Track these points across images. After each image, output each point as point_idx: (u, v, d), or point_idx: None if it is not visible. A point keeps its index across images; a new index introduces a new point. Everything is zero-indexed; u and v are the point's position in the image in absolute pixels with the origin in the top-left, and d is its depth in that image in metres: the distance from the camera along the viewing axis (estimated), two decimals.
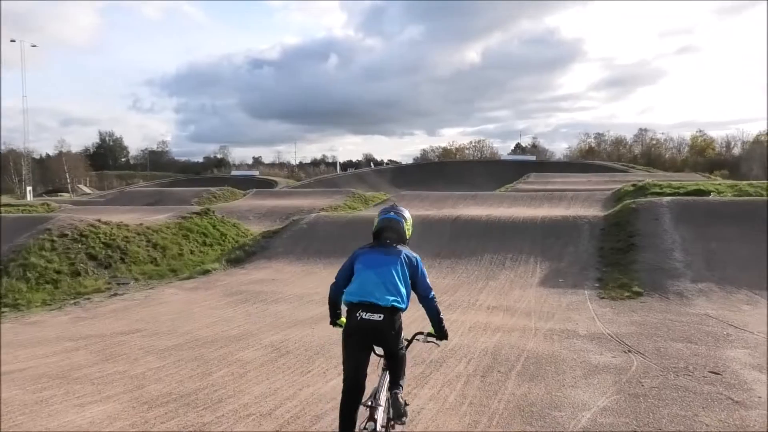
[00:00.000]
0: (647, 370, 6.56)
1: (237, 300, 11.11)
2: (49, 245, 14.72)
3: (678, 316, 9.34)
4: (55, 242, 14.91)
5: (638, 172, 49.85)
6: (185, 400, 5.66)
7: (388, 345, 4.02)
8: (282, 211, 29.58)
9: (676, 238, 13.38)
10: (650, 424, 5.04)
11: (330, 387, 6.00)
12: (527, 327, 8.65)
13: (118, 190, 63.75)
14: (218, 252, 17.81)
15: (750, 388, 5.94)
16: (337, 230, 17.74)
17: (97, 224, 16.45)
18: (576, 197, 25.11)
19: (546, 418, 5.18)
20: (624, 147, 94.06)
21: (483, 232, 16.08)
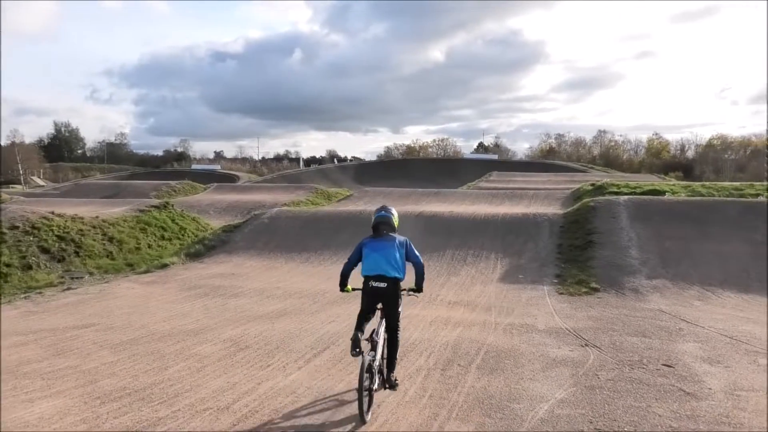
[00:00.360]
0: (603, 364, 6.68)
1: (195, 294, 10.91)
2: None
3: (633, 311, 9.55)
4: (5, 234, 14.39)
5: (597, 173, 50.90)
6: (140, 394, 5.52)
7: (389, 304, 5.55)
8: (243, 206, 29.22)
9: (632, 235, 13.68)
10: (606, 415, 5.13)
11: (290, 381, 5.94)
12: (487, 321, 8.72)
13: (74, 182, 61.96)
14: (177, 246, 17.47)
15: (701, 380, 6.10)
16: (298, 225, 17.61)
17: (51, 217, 15.94)
18: (536, 196, 25.47)
19: (504, 410, 5.22)
20: (583, 148, 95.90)
21: (445, 229, 16.17)
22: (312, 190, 35.49)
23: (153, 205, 20.35)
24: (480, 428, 4.85)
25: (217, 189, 40.30)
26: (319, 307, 9.75)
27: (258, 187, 43.60)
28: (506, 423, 4.95)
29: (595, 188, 24.20)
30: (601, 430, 4.83)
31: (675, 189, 21.82)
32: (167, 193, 38.61)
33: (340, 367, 6.43)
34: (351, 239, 15.88)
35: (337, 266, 13.86)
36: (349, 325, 8.36)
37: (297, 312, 9.34)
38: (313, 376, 6.10)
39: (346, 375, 6.14)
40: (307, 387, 5.76)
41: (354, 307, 9.60)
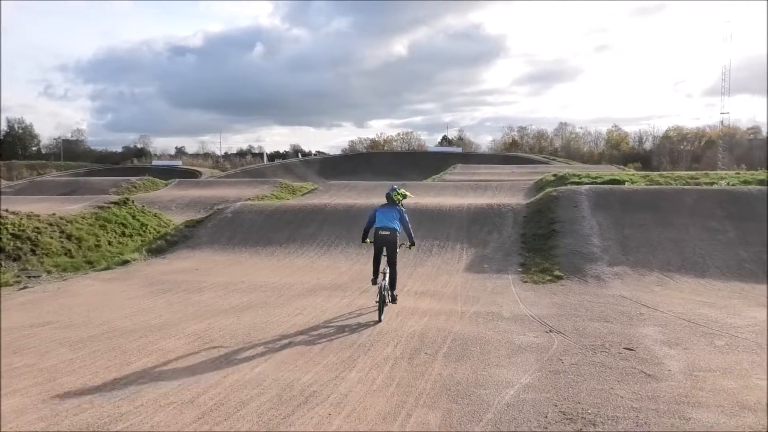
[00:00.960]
0: (567, 349, 6.79)
1: (158, 290, 10.69)
2: None
3: (595, 297, 9.74)
4: None
5: (558, 164, 51.73)
6: (100, 390, 5.38)
7: (390, 247, 8.59)
8: (206, 201, 28.82)
9: (593, 224, 13.94)
10: (570, 398, 5.21)
11: (255, 374, 5.87)
12: (454, 310, 8.78)
13: (29, 180, 60.13)
14: (138, 243, 17.12)
15: (660, 362, 6.26)
16: (263, 219, 17.43)
17: (4, 215, 15.44)
18: (500, 187, 25.75)
19: (471, 396, 5.26)
20: (545, 140, 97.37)
21: (411, 220, 16.16)
22: (276, 184, 35.19)
23: (113, 202, 19.89)
24: (447, 414, 4.87)
25: (179, 185, 39.60)
26: (285, 300, 9.67)
27: (221, 182, 43.06)
28: (473, 408, 4.99)
29: (557, 179, 24.58)
30: (565, 412, 4.91)
31: (634, 179, 22.31)
32: (127, 190, 37.83)
33: (307, 358, 6.38)
34: (316, 232, 15.86)
35: (303, 259, 13.87)
36: (315, 317, 8.33)
37: (262, 305, 9.25)
38: (280, 368, 6.05)
39: (312, 366, 6.10)
40: (274, 379, 5.70)
41: (319, 300, 9.58)
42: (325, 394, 5.30)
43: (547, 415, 4.84)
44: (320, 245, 14.99)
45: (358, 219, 16.53)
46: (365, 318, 8.31)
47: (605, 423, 4.69)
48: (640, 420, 4.73)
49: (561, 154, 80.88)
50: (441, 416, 4.84)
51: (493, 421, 4.75)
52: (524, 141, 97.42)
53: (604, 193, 16.33)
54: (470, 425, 4.67)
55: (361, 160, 71.02)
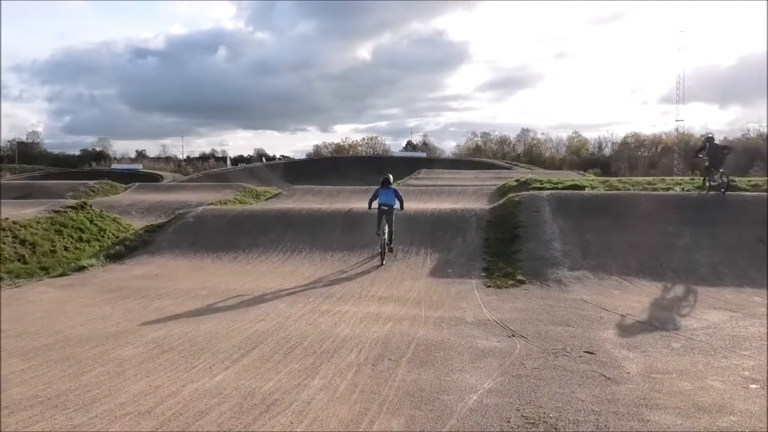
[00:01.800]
0: (529, 353, 6.85)
1: (116, 297, 10.42)
2: None
3: (557, 301, 9.86)
4: None
5: (521, 170, 52.42)
6: (53, 402, 5.20)
7: (389, 215, 13.61)
8: (167, 205, 28.26)
9: (555, 228, 14.14)
10: (532, 402, 5.25)
11: (216, 382, 5.76)
12: (417, 316, 8.78)
13: None
14: (96, 248, 16.67)
15: (620, 365, 6.36)
16: (225, 224, 17.18)
17: None
18: (464, 192, 25.95)
19: (435, 402, 5.26)
20: (508, 146, 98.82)
21: (374, 225, 16.16)
22: (239, 188, 34.77)
23: (69, 206, 19.33)
24: (410, 421, 4.85)
25: (139, 189, 38.83)
26: (247, 306, 9.53)
27: (183, 186, 42.36)
28: (436, 414, 4.98)
29: (519, 184, 24.88)
30: (527, 417, 4.94)
31: (594, 184, 22.75)
32: (85, 194, 36.89)
33: (269, 366, 6.29)
34: (280, 237, 15.70)
35: (266, 264, 13.76)
36: (277, 324, 8.23)
37: (224, 311, 9.09)
38: (241, 376, 5.94)
39: (275, 374, 6.02)
40: (235, 387, 5.60)
41: (282, 305, 9.46)
42: (288, 402, 5.22)
43: (509, 420, 4.87)
44: (284, 250, 14.84)
45: (323, 224, 16.49)
46: (328, 323, 8.24)
47: (567, 426, 4.74)
48: (600, 423, 4.80)
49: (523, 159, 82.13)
50: (404, 423, 4.82)
51: (456, 426, 4.75)
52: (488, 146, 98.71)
53: (565, 198, 16.59)
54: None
55: (326, 165, 70.91)
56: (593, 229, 14.04)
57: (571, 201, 16.31)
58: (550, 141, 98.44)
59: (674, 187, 19.92)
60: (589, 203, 16.06)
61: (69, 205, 19.43)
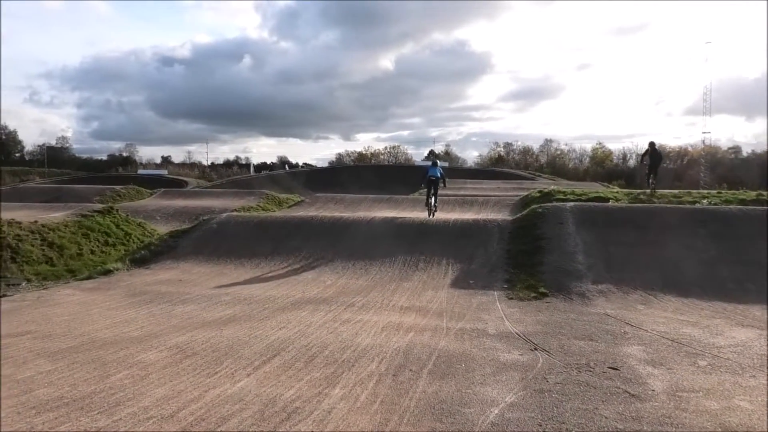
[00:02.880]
0: (552, 367, 6.78)
1: (140, 301, 10.56)
2: None
3: (580, 315, 9.76)
4: None
5: (544, 180, 52.06)
6: (79, 404, 5.28)
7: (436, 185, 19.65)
8: (192, 211, 28.60)
9: (578, 241, 14.00)
10: (554, 418, 5.20)
11: (238, 388, 5.80)
12: (439, 327, 8.75)
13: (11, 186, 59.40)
14: (121, 252, 16.94)
15: (644, 382, 6.26)
16: (248, 231, 17.33)
17: None
18: (486, 202, 25.85)
19: (456, 415, 5.23)
20: (531, 156, 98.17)
21: (397, 234, 16.19)
22: (262, 195, 35.03)
23: (96, 210, 19.70)
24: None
25: (165, 194, 39.33)
26: (269, 313, 9.59)
27: (207, 192, 42.82)
28: (457, 428, 4.96)
29: (542, 195, 24.71)
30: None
31: (618, 196, 22.49)
32: (112, 198, 37.49)
33: (291, 374, 6.32)
34: (303, 245, 15.77)
35: (288, 272, 13.75)
36: (299, 332, 8.26)
37: (246, 318, 9.16)
38: (263, 383, 5.98)
39: (296, 382, 6.04)
40: (256, 394, 5.63)
41: (303, 313, 9.50)
42: (309, 411, 5.24)
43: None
44: (306, 258, 14.91)
45: (345, 232, 16.54)
46: (349, 332, 8.25)
47: None
48: None
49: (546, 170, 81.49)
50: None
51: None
52: (510, 157, 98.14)
53: (589, 210, 16.44)
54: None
55: (348, 173, 71.00)
56: (617, 242, 13.88)
57: (595, 213, 16.15)
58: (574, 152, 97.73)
59: (701, 201, 19.60)
60: (614, 216, 15.89)
61: (96, 210, 19.80)
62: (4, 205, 25.08)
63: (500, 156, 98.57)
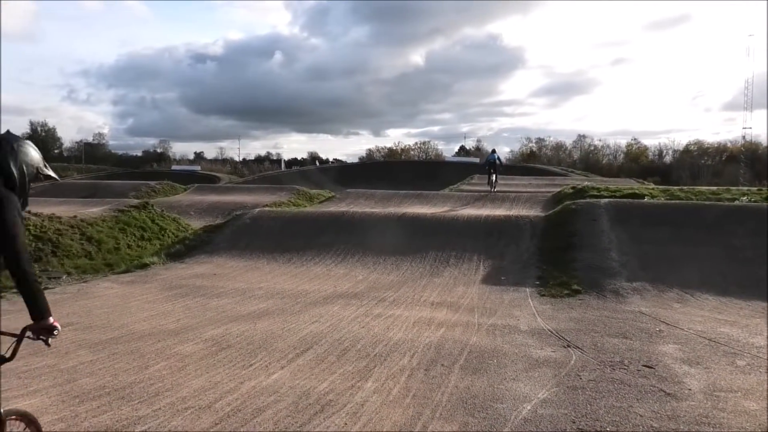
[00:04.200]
0: (585, 364, 6.73)
1: (176, 294, 10.78)
2: None
3: (614, 313, 9.64)
4: None
5: (577, 176, 51.36)
6: (119, 393, 5.44)
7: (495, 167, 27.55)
8: (224, 206, 28.98)
9: (612, 238, 13.81)
10: (588, 415, 5.16)
11: (272, 380, 5.89)
12: (470, 322, 8.74)
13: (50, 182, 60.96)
14: (157, 246, 17.27)
15: (681, 381, 6.17)
16: (280, 226, 17.51)
17: (26, 216, 15.67)
18: (518, 198, 25.62)
19: (488, 410, 5.23)
20: (563, 152, 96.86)
21: (427, 230, 16.20)
22: (293, 191, 35.31)
23: (132, 205, 20.10)
24: (463, 428, 4.85)
25: (198, 190, 39.93)
26: (301, 307, 9.70)
27: (239, 188, 43.36)
28: (490, 423, 4.96)
29: (575, 191, 24.39)
30: (583, 429, 4.86)
31: (654, 193, 22.09)
32: (147, 194, 38.18)
33: (323, 367, 6.40)
34: (334, 240, 15.88)
35: (320, 267, 13.89)
36: (331, 326, 8.33)
37: (279, 312, 9.28)
38: (296, 376, 6.06)
39: (329, 375, 6.11)
40: (290, 386, 5.72)
41: (335, 308, 9.57)
42: (342, 403, 5.30)
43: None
44: (337, 253, 15.01)
45: (376, 228, 16.59)
46: (381, 327, 8.30)
47: None
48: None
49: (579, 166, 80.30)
50: (457, 429, 4.82)
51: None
52: (542, 152, 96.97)
53: (623, 207, 16.20)
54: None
55: (379, 169, 71.09)
56: (653, 239, 13.65)
57: (630, 210, 15.91)
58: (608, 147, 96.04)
59: (740, 198, 19.13)
60: (649, 213, 15.63)
61: (132, 205, 20.21)
62: (45, 200, 25.80)
63: (532, 152, 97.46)
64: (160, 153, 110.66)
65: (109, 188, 41.84)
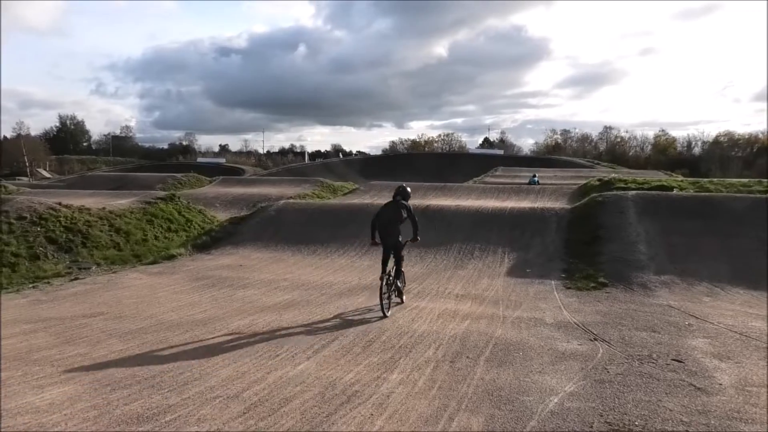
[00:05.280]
0: (612, 358, 6.66)
1: (203, 285, 10.92)
2: (6, 228, 14.25)
3: (641, 306, 9.52)
4: (12, 225, 14.44)
5: (603, 168, 50.67)
6: (150, 382, 5.53)
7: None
8: (249, 198, 29.24)
9: (640, 231, 13.62)
10: (616, 409, 5.11)
11: (299, 371, 5.94)
12: (495, 315, 8.70)
13: (79, 174, 62.14)
14: (184, 238, 17.50)
15: (711, 376, 6.07)
16: (305, 218, 17.60)
17: (58, 207, 15.99)
18: (543, 191, 25.40)
19: (514, 402, 5.21)
20: (589, 144, 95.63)
21: (452, 223, 16.14)
22: (317, 183, 35.48)
23: (159, 197, 20.39)
24: (490, 420, 4.83)
25: (223, 182, 40.33)
26: (326, 298, 9.75)
27: (263, 180, 43.65)
28: (516, 415, 4.94)
29: (602, 183, 24.08)
30: (611, 423, 4.81)
31: (683, 185, 21.70)
32: (173, 186, 38.70)
33: (349, 358, 6.42)
34: (358, 231, 15.87)
35: (344, 258, 13.92)
36: (356, 317, 8.34)
37: (305, 303, 9.35)
38: (322, 366, 6.10)
39: (354, 366, 6.14)
40: (316, 377, 5.76)
41: (360, 299, 9.60)
42: (367, 394, 5.32)
43: (592, 425, 4.76)
44: (361, 245, 15.02)
45: None
46: (406, 319, 8.30)
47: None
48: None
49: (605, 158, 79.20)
50: (484, 421, 4.80)
51: (536, 428, 4.69)
52: (567, 144, 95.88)
53: (651, 200, 15.94)
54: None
55: (402, 161, 71.03)
56: (682, 232, 13.43)
57: (658, 202, 15.65)
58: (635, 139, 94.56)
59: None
60: (678, 205, 15.36)
61: (159, 197, 20.49)
62: (75, 192, 26.28)
63: (557, 143, 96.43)
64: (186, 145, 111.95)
65: (137, 180, 42.48)
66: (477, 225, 15.80)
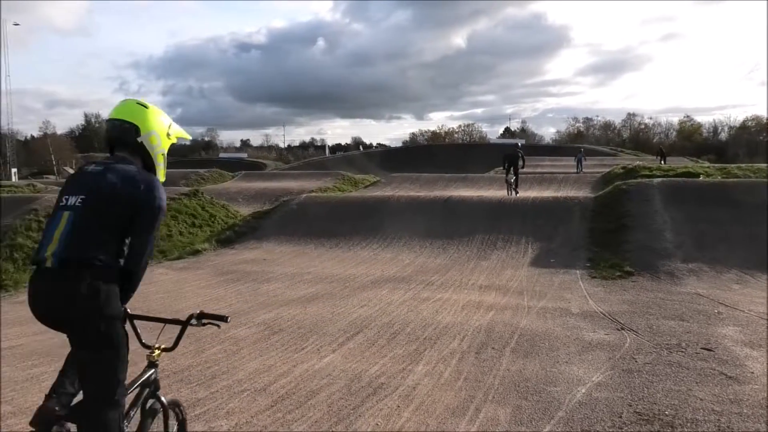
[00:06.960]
0: (640, 347, 6.58)
1: (228, 279, 11.03)
2: (36, 226, 14.53)
3: (669, 295, 9.39)
4: (41, 223, 14.70)
5: (627, 156, 50.00)
6: (178, 376, 5.60)
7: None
8: (271, 193, 29.41)
9: (666, 218, 13.42)
10: (645, 399, 5.05)
11: (324, 363, 5.97)
12: (520, 305, 8.66)
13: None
14: (208, 233, 17.67)
15: (743, 364, 5.97)
16: (327, 211, 17.66)
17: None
18: (566, 179, 25.18)
19: (542, 393, 5.18)
20: (612, 132, 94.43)
21: (474, 213, 16.07)
22: (338, 176, 35.52)
23: (183, 193, 20.59)
24: (517, 411, 4.81)
25: (245, 177, 40.60)
26: (350, 291, 9.79)
27: (285, 174, 43.87)
28: (543, 406, 4.91)
29: (626, 171, 23.79)
30: (641, 413, 4.76)
31: (710, 171, 21.33)
32: (196, 181, 39.04)
33: (374, 350, 6.44)
34: (380, 224, 15.92)
35: (367, 251, 13.95)
36: (380, 310, 8.37)
37: (328, 296, 9.39)
38: (348, 359, 6.13)
39: (380, 358, 6.15)
40: (342, 369, 5.78)
41: (383, 292, 9.62)
42: (393, 386, 5.33)
43: (621, 415, 4.71)
44: (384, 237, 15.06)
45: (422, 211, 16.58)
46: (430, 310, 8.30)
47: (684, 425, 4.52)
48: (722, 424, 4.53)
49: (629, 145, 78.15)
50: (511, 412, 4.78)
51: (565, 419, 4.65)
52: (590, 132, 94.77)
53: (677, 187, 15.70)
54: (542, 423, 4.59)
55: (422, 153, 70.83)
56: (709, 219, 13.19)
57: (685, 189, 15.41)
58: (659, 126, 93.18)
59: None
60: (705, 192, 15.11)
61: (183, 193, 20.69)
62: None
63: (579, 132, 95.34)
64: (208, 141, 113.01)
65: None
66: (499, 215, 15.70)
